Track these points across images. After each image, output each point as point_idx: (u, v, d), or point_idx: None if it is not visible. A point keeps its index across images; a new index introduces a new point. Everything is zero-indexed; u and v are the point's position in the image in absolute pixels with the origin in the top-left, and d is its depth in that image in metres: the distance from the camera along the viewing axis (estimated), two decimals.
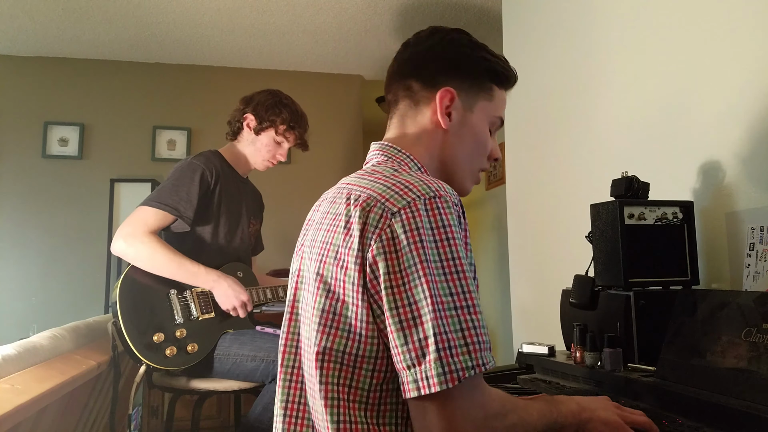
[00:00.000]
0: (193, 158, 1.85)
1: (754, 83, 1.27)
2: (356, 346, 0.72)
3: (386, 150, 0.89)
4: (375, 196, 0.74)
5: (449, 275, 0.68)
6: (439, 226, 0.70)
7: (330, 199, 0.83)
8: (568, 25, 2.07)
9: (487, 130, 0.93)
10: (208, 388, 1.76)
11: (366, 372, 0.72)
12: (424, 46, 0.91)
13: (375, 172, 0.81)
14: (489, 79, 0.91)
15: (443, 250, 0.69)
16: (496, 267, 4.03)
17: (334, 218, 0.78)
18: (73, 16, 3.15)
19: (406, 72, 0.92)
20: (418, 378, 0.66)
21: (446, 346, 0.65)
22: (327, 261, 0.76)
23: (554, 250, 2.12)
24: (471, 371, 0.65)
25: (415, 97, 0.91)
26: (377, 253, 0.70)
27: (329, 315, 0.74)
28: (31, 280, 3.49)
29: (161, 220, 1.73)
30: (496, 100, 0.93)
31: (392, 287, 0.69)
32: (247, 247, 2.01)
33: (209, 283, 1.76)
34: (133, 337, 1.63)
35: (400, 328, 0.67)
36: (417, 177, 0.75)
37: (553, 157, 2.14)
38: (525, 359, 1.37)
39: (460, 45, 0.91)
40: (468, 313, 0.68)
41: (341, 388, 0.72)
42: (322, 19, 3.23)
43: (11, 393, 1.19)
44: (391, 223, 0.70)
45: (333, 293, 0.75)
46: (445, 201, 0.71)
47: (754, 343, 0.87)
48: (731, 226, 1.30)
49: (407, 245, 0.69)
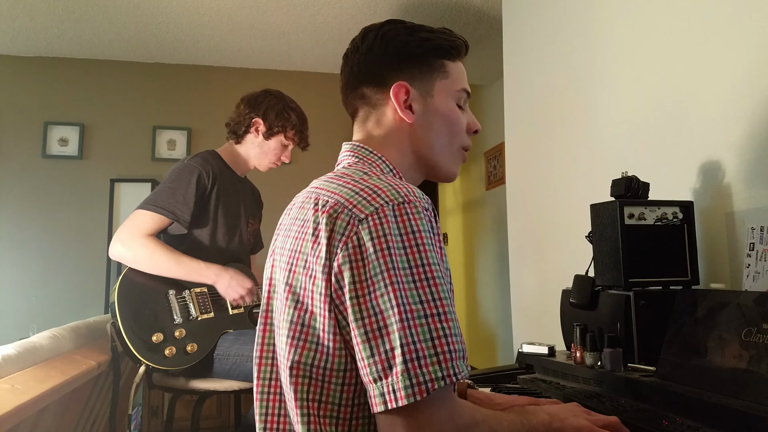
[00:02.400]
0: (190, 160, 1.84)
1: (753, 83, 1.27)
2: (324, 359, 0.70)
3: (357, 151, 0.87)
4: (342, 201, 0.71)
5: (419, 282, 0.66)
6: (408, 232, 0.67)
7: (299, 204, 0.80)
8: (567, 25, 2.07)
9: (454, 108, 0.89)
10: (208, 388, 1.76)
11: (335, 386, 0.70)
12: (362, 51, 0.88)
13: (344, 175, 0.78)
14: (437, 56, 0.88)
15: (413, 257, 0.66)
16: (496, 267, 4.03)
17: (302, 225, 0.76)
18: (73, 16, 3.15)
19: (354, 82, 0.90)
20: (384, 391, 0.63)
21: (414, 357, 0.63)
22: (296, 270, 0.74)
23: (554, 250, 2.12)
24: (441, 382, 0.62)
25: (371, 102, 0.89)
26: (343, 261, 0.68)
27: (297, 326, 0.72)
28: (31, 280, 3.49)
29: (158, 223, 1.73)
30: (453, 74, 0.89)
31: (357, 297, 0.66)
32: (246, 248, 2.01)
33: (211, 277, 1.76)
34: (131, 337, 1.63)
35: (365, 340, 0.65)
36: (386, 181, 0.73)
37: (553, 157, 2.14)
38: (525, 359, 1.37)
39: (396, 35, 0.87)
40: (439, 320, 0.65)
41: (311, 403, 0.70)
42: (322, 19, 3.23)
43: (11, 393, 1.19)
44: (358, 230, 0.68)
45: (302, 304, 0.73)
46: (414, 206, 0.69)
47: (754, 343, 0.87)
48: (731, 226, 1.30)
49: (373, 253, 0.66)
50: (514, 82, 2.51)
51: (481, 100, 4.36)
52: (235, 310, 1.84)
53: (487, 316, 4.18)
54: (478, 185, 4.43)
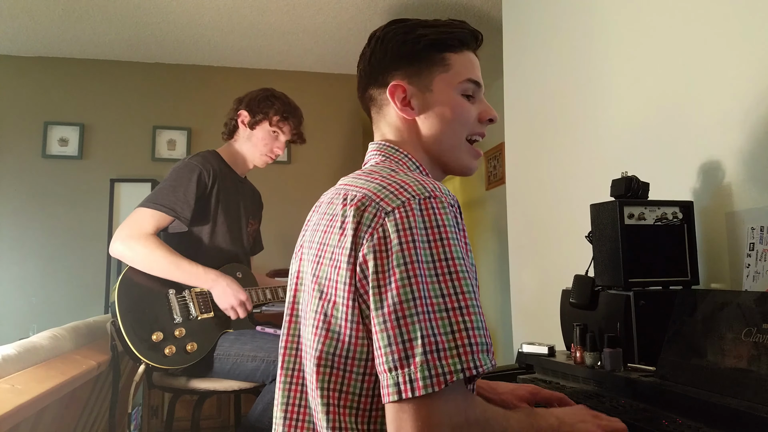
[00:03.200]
0: (191, 159, 1.85)
1: (754, 83, 1.27)
2: (345, 348, 0.71)
3: (384, 149, 0.89)
4: (370, 195, 0.73)
5: (441, 276, 0.67)
6: (433, 226, 0.69)
7: (328, 200, 0.83)
8: (568, 26, 2.07)
9: (456, 100, 0.89)
10: (208, 388, 1.76)
11: (356, 376, 0.71)
12: (367, 55, 0.92)
13: (372, 172, 0.80)
14: (437, 50, 0.88)
15: (436, 251, 0.68)
16: (496, 267, 4.03)
17: (331, 219, 0.77)
18: (73, 16, 3.15)
19: (363, 85, 0.93)
20: (399, 381, 0.63)
21: (434, 348, 0.63)
22: (323, 263, 0.76)
23: (554, 250, 2.12)
24: (459, 374, 0.63)
25: (377, 103, 0.91)
26: (368, 251, 0.69)
27: (321, 317, 0.74)
28: (31, 280, 3.49)
29: (159, 221, 1.74)
30: (456, 66, 0.89)
31: (379, 286, 0.67)
32: (246, 248, 2.01)
33: (208, 282, 1.76)
34: (132, 336, 1.63)
35: (384, 329, 0.66)
36: (413, 177, 0.75)
37: (553, 157, 2.14)
38: (525, 359, 1.37)
39: (394, 35, 0.89)
40: (461, 314, 0.65)
41: (332, 393, 0.71)
42: (322, 19, 3.23)
43: (11, 393, 1.19)
44: (384, 222, 0.69)
45: (325, 294, 0.74)
46: (440, 201, 0.71)
47: (754, 343, 0.87)
48: (731, 226, 1.30)
49: (398, 244, 0.67)
50: (514, 82, 2.51)
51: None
52: None
53: (487, 316, 4.19)
54: (478, 185, 4.43)
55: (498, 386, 1.02)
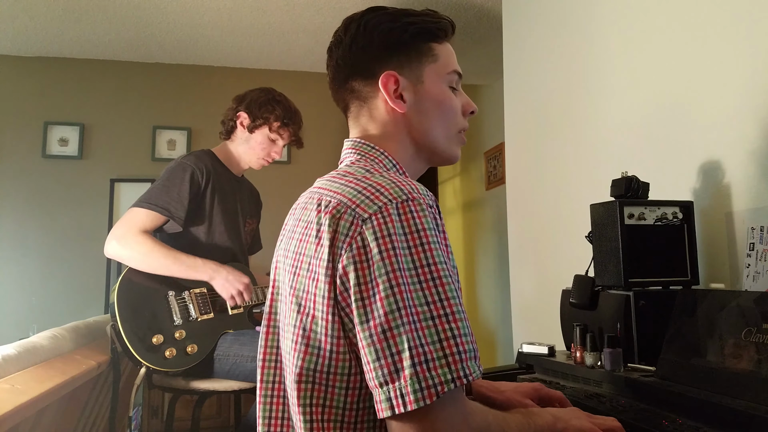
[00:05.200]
0: (183, 158, 1.83)
1: (754, 83, 1.27)
2: (327, 363, 0.69)
3: (359, 147, 0.85)
4: (345, 201, 0.70)
5: (425, 283, 0.65)
6: (412, 231, 0.66)
7: (302, 205, 0.79)
8: (568, 25, 2.07)
9: (446, 92, 0.87)
10: (208, 388, 1.76)
11: (339, 390, 0.69)
12: (347, 43, 0.85)
13: (347, 174, 0.77)
14: (424, 40, 0.85)
15: (417, 257, 0.65)
16: (496, 267, 4.03)
17: (306, 227, 0.74)
18: (73, 16, 3.15)
19: (341, 76, 0.87)
20: (391, 396, 0.62)
21: (423, 360, 0.62)
22: (300, 273, 0.73)
23: (554, 250, 2.11)
24: (450, 384, 0.61)
25: (361, 96, 0.86)
26: (348, 263, 0.66)
27: (300, 331, 0.71)
28: (31, 280, 3.49)
29: (153, 221, 1.73)
30: (442, 57, 0.86)
31: (362, 299, 0.65)
32: (244, 246, 2.00)
33: (208, 273, 1.75)
34: (131, 339, 1.63)
35: (371, 343, 0.64)
36: (389, 178, 0.72)
37: (553, 157, 2.14)
38: (525, 359, 1.37)
39: (379, 23, 0.84)
40: (447, 321, 0.64)
41: (315, 408, 0.69)
42: (322, 19, 3.23)
43: (11, 393, 1.19)
44: (362, 231, 0.67)
45: (303, 308, 0.72)
46: (418, 204, 0.68)
47: (754, 343, 0.87)
48: (731, 226, 1.30)
49: (378, 253, 0.65)
50: (514, 82, 2.51)
51: (481, 100, 4.36)
52: (235, 311, 1.84)
53: (487, 316, 4.18)
54: (478, 185, 4.43)
55: (501, 385, 1.02)
